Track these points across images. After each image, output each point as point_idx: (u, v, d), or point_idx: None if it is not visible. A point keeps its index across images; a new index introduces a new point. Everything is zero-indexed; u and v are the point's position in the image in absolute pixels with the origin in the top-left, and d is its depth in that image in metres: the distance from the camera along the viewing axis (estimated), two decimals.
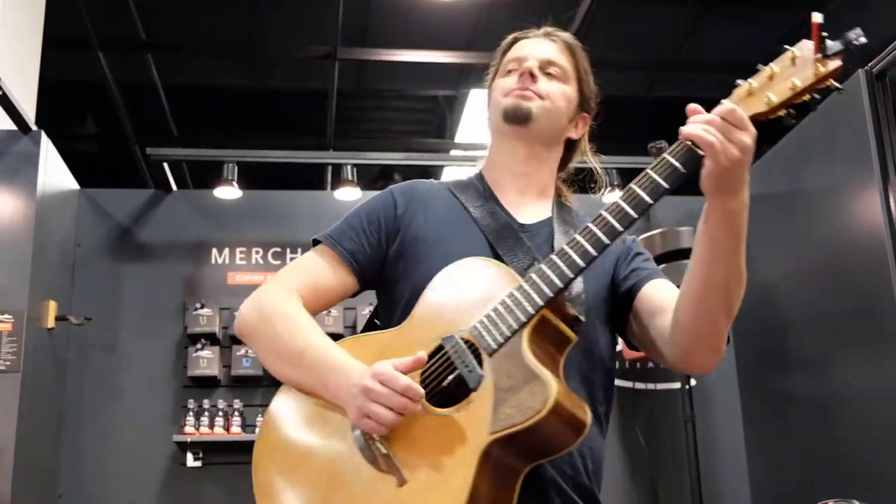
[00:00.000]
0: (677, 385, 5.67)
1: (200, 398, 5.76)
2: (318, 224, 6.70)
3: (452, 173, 8.49)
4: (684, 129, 1.68)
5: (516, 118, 2.02)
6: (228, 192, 6.09)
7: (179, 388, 5.85)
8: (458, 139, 8.24)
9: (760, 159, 5.86)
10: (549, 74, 2.06)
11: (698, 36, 7.22)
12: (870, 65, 4.64)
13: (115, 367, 5.82)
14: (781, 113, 1.68)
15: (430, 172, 8.75)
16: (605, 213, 1.72)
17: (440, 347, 1.80)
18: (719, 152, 1.62)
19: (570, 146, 2.16)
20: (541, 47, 2.09)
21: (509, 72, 2.08)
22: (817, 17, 1.65)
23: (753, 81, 1.70)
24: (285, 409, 1.97)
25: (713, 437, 6.00)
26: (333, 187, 6.50)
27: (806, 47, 1.67)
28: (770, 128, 1.69)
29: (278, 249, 6.20)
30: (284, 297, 2.00)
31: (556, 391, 1.63)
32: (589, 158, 2.18)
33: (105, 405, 5.74)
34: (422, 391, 1.71)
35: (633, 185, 1.72)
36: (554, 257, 1.75)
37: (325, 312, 2.31)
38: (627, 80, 7.75)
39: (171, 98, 7.70)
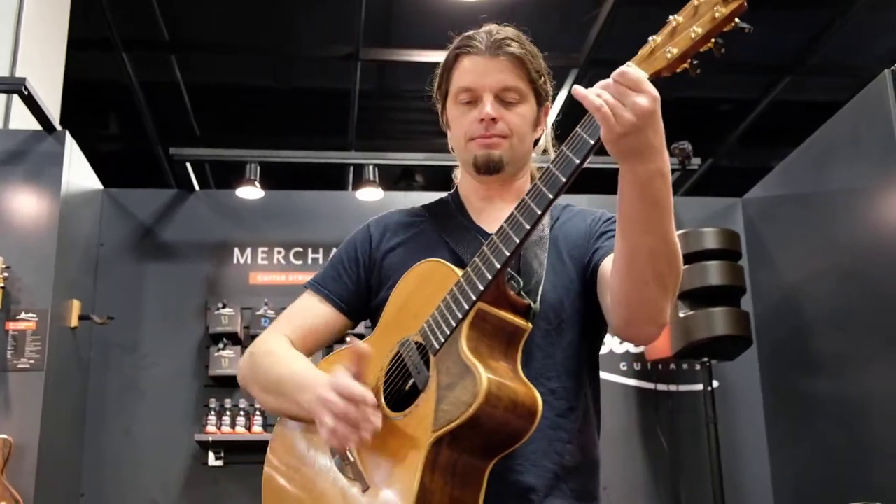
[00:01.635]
0: (700, 387, 5.64)
1: (222, 397, 5.77)
2: (339, 224, 6.72)
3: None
4: (575, 91, 1.59)
5: (488, 170, 1.99)
6: (251, 192, 6.10)
7: (201, 387, 5.87)
8: None
9: (785, 160, 5.83)
10: (506, 102, 1.98)
11: (721, 36, 7.17)
12: (895, 65, 4.61)
13: (138, 367, 5.84)
14: (686, 65, 1.58)
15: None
16: (526, 198, 1.70)
17: (398, 352, 1.86)
18: (608, 116, 1.54)
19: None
20: (491, 73, 1.97)
21: (465, 103, 2.00)
22: None
23: (657, 37, 1.58)
24: (279, 431, 2.09)
25: (736, 438, 5.97)
26: (355, 187, 6.50)
27: None
28: (796, 128, 1.66)
29: (300, 249, 6.21)
30: (272, 340, 2.09)
31: (485, 384, 1.63)
32: (549, 149, 2.16)
33: (127, 404, 5.76)
34: (371, 398, 1.74)
35: (550, 165, 1.67)
36: (485, 248, 1.75)
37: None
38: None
39: (194, 98, 7.72)
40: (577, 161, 1.62)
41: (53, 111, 5.28)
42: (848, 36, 6.84)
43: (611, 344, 6.07)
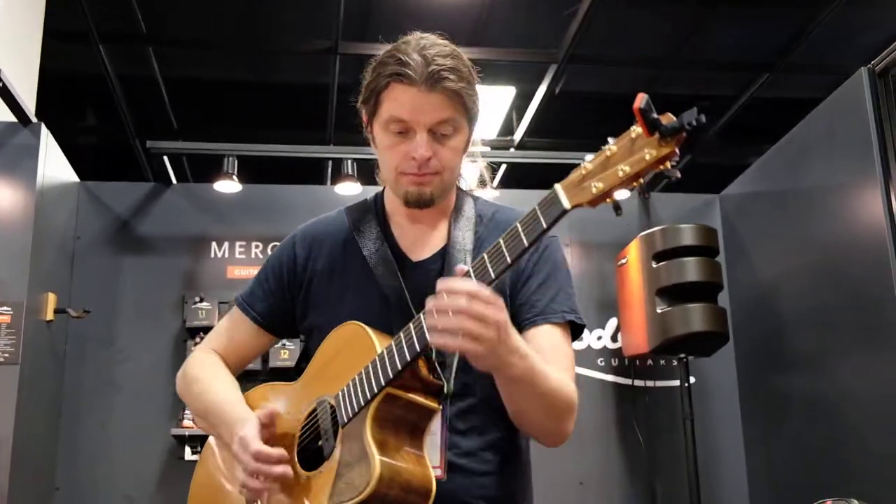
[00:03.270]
0: (676, 383, 5.66)
1: None
2: None
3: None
4: (431, 339, 1.63)
5: (419, 205, 1.98)
6: (228, 186, 6.07)
7: None
8: None
9: (762, 157, 5.86)
10: (440, 135, 1.92)
11: (700, 34, 7.21)
12: (872, 63, 4.63)
13: (114, 360, 5.81)
14: (609, 201, 1.53)
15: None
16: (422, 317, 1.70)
17: (315, 409, 1.92)
18: (469, 346, 1.59)
19: None
20: (426, 110, 1.89)
21: (396, 133, 1.93)
22: (639, 102, 1.46)
23: (589, 164, 1.53)
24: (207, 451, 2.22)
25: (712, 434, 5.99)
26: (333, 182, 6.49)
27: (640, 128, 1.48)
28: (773, 126, 1.65)
29: (278, 244, 6.14)
30: (202, 361, 2.21)
31: (377, 472, 1.69)
32: (476, 153, 2.17)
33: (103, 398, 5.73)
34: (275, 454, 1.81)
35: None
36: (401, 335, 1.75)
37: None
38: (629, 76, 7.74)
39: (172, 91, 7.69)
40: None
41: (29, 103, 5.24)
42: (825, 34, 6.87)
43: (588, 339, 6.08)
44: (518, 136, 7.95)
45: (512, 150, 8.03)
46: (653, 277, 5.40)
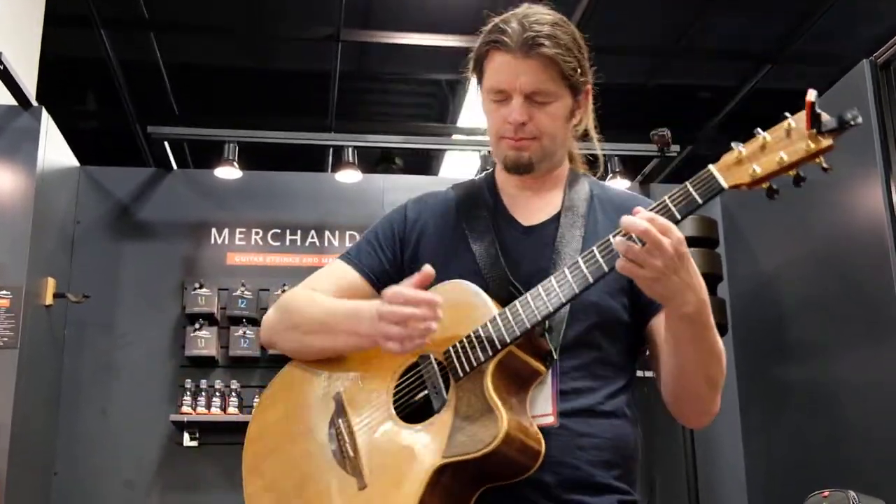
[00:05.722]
0: None
1: (198, 378, 5.76)
2: (317, 205, 6.71)
3: (453, 157, 8.47)
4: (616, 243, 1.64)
5: (518, 170, 2.00)
6: (229, 173, 6.07)
7: (177, 367, 5.86)
8: (460, 123, 8.20)
9: None
10: (538, 103, 1.93)
11: (701, 24, 7.19)
12: (875, 55, 4.63)
13: (113, 346, 5.82)
14: (764, 185, 1.62)
15: (431, 156, 8.74)
16: (580, 260, 1.73)
17: (417, 363, 1.88)
18: (633, 269, 1.62)
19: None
20: (521, 76, 1.91)
21: (496, 101, 1.96)
22: (811, 95, 1.54)
23: (744, 149, 1.62)
24: (280, 395, 2.08)
25: (710, 426, 5.97)
26: (334, 169, 6.49)
27: (800, 120, 1.58)
28: (775, 116, 1.66)
29: (278, 230, 6.19)
30: (301, 293, 2.09)
31: (506, 428, 1.70)
32: (592, 138, 2.14)
33: (102, 383, 5.74)
34: (426, 296, 1.75)
35: (595, 248, 1.72)
36: (528, 296, 1.77)
37: None
38: (629, 66, 7.73)
39: (173, 77, 7.67)
40: (606, 270, 1.69)
41: (30, 87, 5.23)
42: (828, 25, 6.85)
43: None
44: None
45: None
46: None
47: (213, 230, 6.17)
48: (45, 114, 5.21)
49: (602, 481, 1.88)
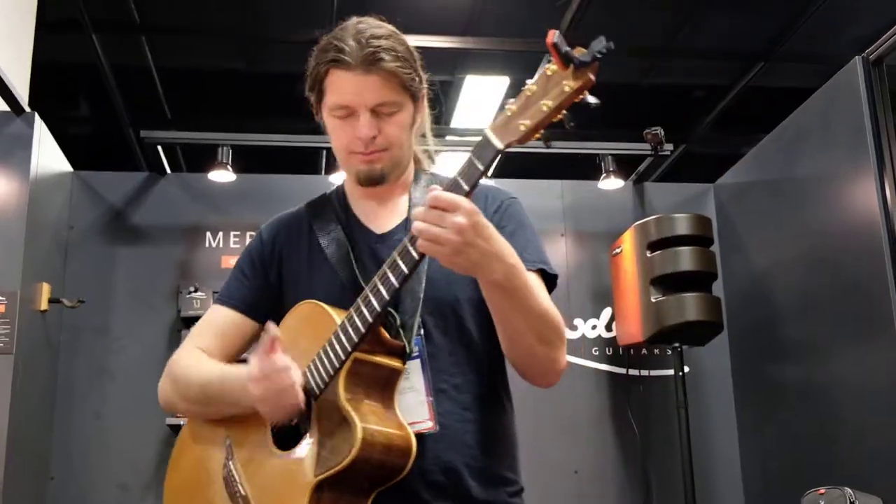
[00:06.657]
0: (671, 372, 5.67)
1: None
2: None
3: (447, 159, 8.47)
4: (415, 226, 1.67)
5: (371, 182, 2.05)
6: (223, 176, 6.07)
7: None
8: (453, 124, 8.21)
9: (756, 146, 5.86)
10: (384, 114, 1.99)
11: (693, 23, 7.20)
12: (867, 52, 4.64)
13: (108, 350, 5.81)
14: (536, 137, 1.62)
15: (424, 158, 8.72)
16: (395, 255, 1.77)
17: None
18: (432, 248, 1.65)
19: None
20: (365, 91, 1.97)
21: (341, 117, 2.02)
22: (552, 37, 1.53)
23: (513, 105, 1.62)
24: (186, 450, 2.22)
25: (706, 423, 6.01)
26: (328, 171, 6.50)
27: (556, 63, 1.57)
28: (768, 115, 1.66)
29: None
30: (186, 357, 2.15)
31: (360, 435, 1.74)
32: (427, 133, 2.25)
33: (98, 388, 5.73)
34: (282, 363, 1.82)
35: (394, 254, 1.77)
36: (360, 301, 1.82)
37: None
38: (623, 66, 7.73)
39: (166, 81, 7.66)
40: (417, 257, 1.72)
41: (22, 92, 5.22)
42: (820, 23, 6.86)
43: (583, 329, 6.09)
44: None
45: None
46: (647, 267, 5.40)
47: (208, 233, 6.16)
48: (37, 119, 5.19)
49: (489, 473, 1.94)
